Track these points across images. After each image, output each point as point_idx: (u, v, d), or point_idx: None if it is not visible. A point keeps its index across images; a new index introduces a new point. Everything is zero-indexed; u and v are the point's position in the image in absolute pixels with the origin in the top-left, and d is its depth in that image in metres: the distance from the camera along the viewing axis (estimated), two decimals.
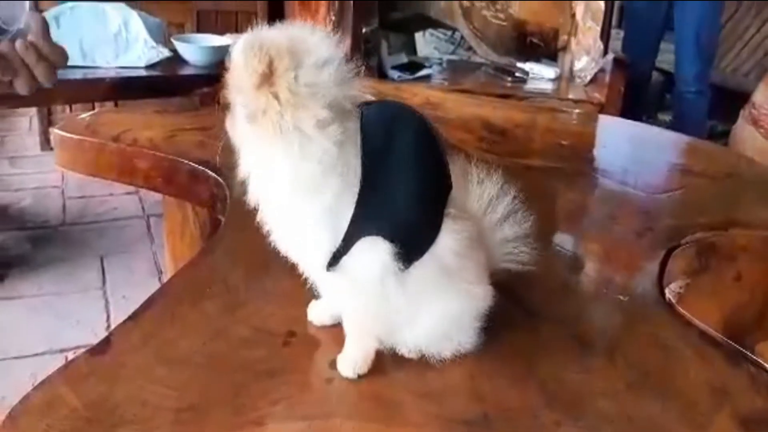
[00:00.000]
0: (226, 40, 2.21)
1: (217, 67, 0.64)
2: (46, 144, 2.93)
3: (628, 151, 1.56)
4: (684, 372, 0.75)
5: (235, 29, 2.81)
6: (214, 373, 0.69)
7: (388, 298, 0.66)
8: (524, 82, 2.48)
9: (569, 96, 2.38)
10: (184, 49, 2.18)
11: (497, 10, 2.59)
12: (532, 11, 2.59)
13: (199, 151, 1.17)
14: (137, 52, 2.12)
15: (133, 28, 2.13)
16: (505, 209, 0.77)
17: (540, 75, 2.50)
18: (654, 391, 0.71)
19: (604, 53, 2.50)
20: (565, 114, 1.85)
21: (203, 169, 1.12)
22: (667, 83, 3.43)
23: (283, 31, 0.63)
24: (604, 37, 2.54)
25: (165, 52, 2.15)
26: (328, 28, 2.27)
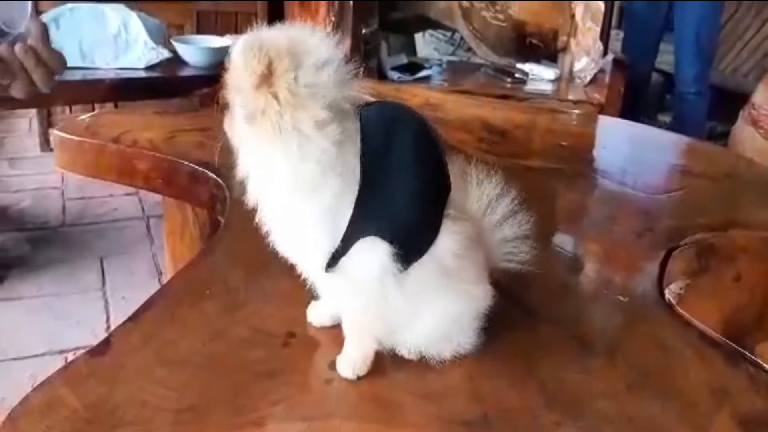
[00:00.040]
0: (226, 41, 2.21)
1: (217, 68, 0.64)
2: (45, 145, 2.93)
3: (628, 152, 1.56)
4: (684, 372, 0.75)
5: (235, 30, 2.81)
6: (214, 374, 0.69)
7: (387, 299, 0.66)
8: (524, 83, 2.49)
9: (569, 97, 2.38)
10: (184, 50, 2.18)
11: (497, 11, 2.59)
12: (531, 12, 2.59)
13: (199, 152, 1.17)
14: (137, 53, 2.12)
15: (133, 30, 2.13)
16: (504, 210, 0.77)
17: (540, 76, 2.50)
18: (654, 392, 0.71)
19: (604, 54, 2.50)
20: (565, 115, 1.85)
21: (203, 170, 1.12)
22: (667, 84, 3.43)
23: (283, 32, 0.63)
24: (604, 37, 2.54)
25: (165, 53, 2.15)
26: (328, 29, 2.27)
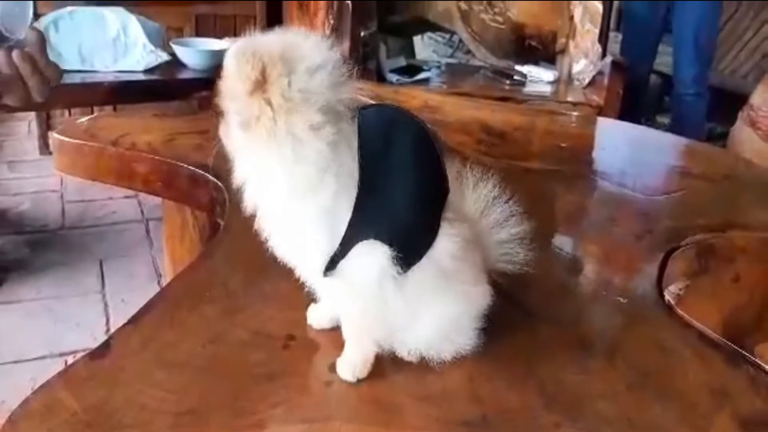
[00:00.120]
0: (225, 44, 2.21)
1: (216, 70, 0.64)
2: (45, 148, 2.93)
3: (627, 154, 1.56)
4: (683, 373, 0.75)
5: (234, 33, 2.81)
6: (214, 377, 0.69)
7: (387, 302, 0.66)
8: (523, 85, 2.49)
9: (568, 99, 2.39)
10: (183, 53, 2.18)
11: (495, 13, 2.59)
12: (530, 14, 2.59)
13: (198, 155, 1.17)
14: (136, 56, 2.12)
15: (132, 33, 2.13)
16: (501, 211, 0.77)
17: (538, 78, 2.51)
18: (653, 393, 0.71)
19: (603, 56, 2.51)
20: (564, 117, 1.85)
21: (202, 172, 1.12)
22: (666, 85, 3.44)
23: (276, 37, 0.63)
24: (603, 39, 2.55)
25: (164, 56, 2.15)
26: (327, 32, 2.27)
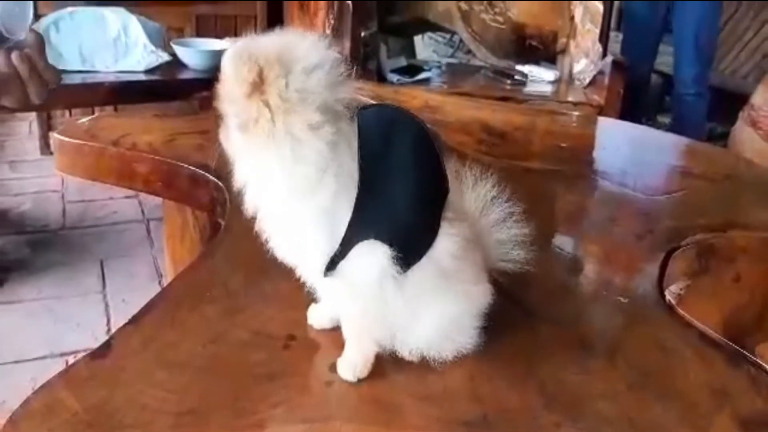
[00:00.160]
0: (226, 44, 2.21)
1: (217, 71, 0.64)
2: (45, 148, 2.94)
3: (628, 154, 1.56)
4: (684, 373, 0.75)
5: (235, 33, 2.81)
6: (214, 377, 0.69)
7: (387, 302, 0.66)
8: (523, 84, 2.49)
9: (568, 98, 2.38)
10: (184, 53, 2.18)
11: (496, 13, 2.59)
12: (530, 14, 2.59)
13: (199, 155, 1.17)
14: (137, 56, 2.12)
15: (133, 33, 2.13)
16: (501, 210, 0.78)
17: (539, 78, 2.50)
18: (654, 393, 0.71)
19: (603, 56, 2.51)
20: (565, 116, 1.85)
21: (203, 173, 1.12)
22: (666, 85, 3.44)
23: (273, 38, 0.63)
24: (603, 39, 2.55)
25: (164, 57, 2.16)
26: (327, 32, 2.27)
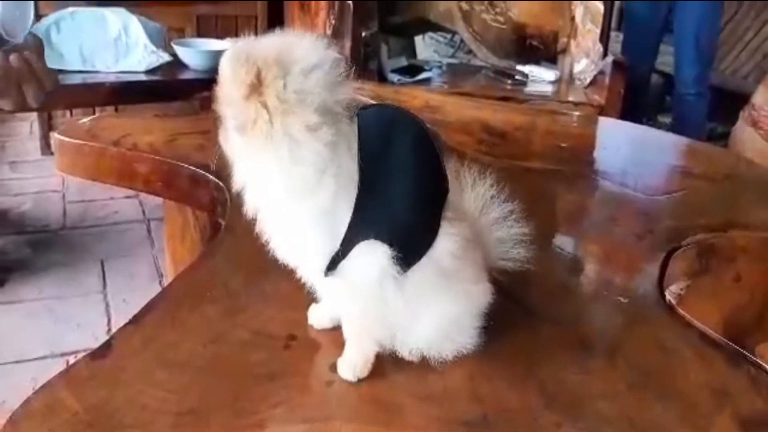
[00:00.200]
0: (226, 44, 2.21)
1: (217, 71, 0.64)
2: (46, 148, 2.94)
3: (628, 153, 1.56)
4: (684, 373, 0.75)
5: (235, 33, 2.81)
6: (215, 377, 0.69)
7: (387, 302, 0.66)
8: (524, 84, 2.49)
9: (569, 98, 2.38)
10: (184, 54, 2.18)
11: (497, 13, 2.59)
12: (531, 14, 2.59)
13: (199, 155, 1.17)
14: (137, 56, 2.12)
15: (133, 33, 2.13)
16: (501, 209, 0.78)
17: (539, 78, 2.50)
18: (654, 393, 0.71)
19: (604, 55, 2.51)
20: (565, 116, 1.85)
21: (203, 173, 1.13)
22: (667, 85, 3.43)
23: (271, 40, 0.63)
24: (604, 39, 2.55)
25: (165, 57, 2.16)
26: (328, 32, 2.27)
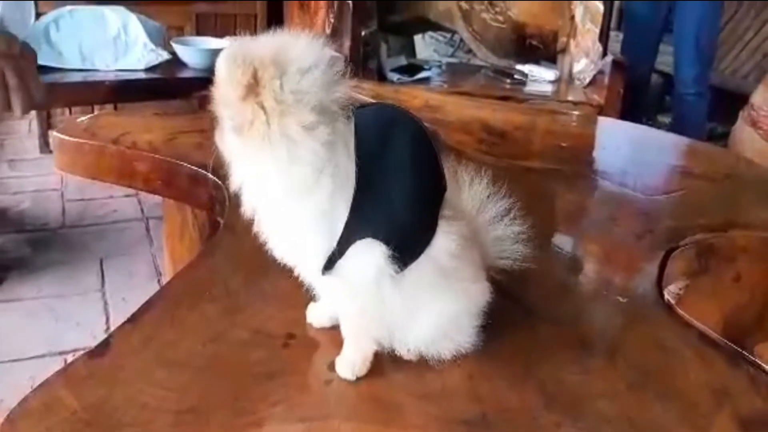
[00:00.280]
0: (225, 43, 2.21)
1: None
2: (45, 147, 2.93)
3: (628, 153, 1.56)
4: (684, 373, 0.75)
5: (234, 32, 2.81)
6: (214, 376, 0.68)
7: (385, 301, 0.66)
8: (523, 84, 2.48)
9: (568, 98, 2.38)
10: (184, 52, 2.18)
11: (496, 12, 2.59)
12: (531, 14, 2.59)
13: (199, 154, 1.17)
14: (136, 55, 2.12)
15: (133, 32, 2.13)
16: (498, 208, 0.78)
17: (539, 77, 2.50)
18: (654, 392, 0.71)
19: (603, 55, 2.50)
20: (565, 116, 1.85)
21: (203, 172, 1.12)
22: (667, 85, 3.43)
23: (267, 40, 0.63)
24: (603, 39, 2.55)
25: (164, 55, 2.15)
26: (327, 31, 2.27)
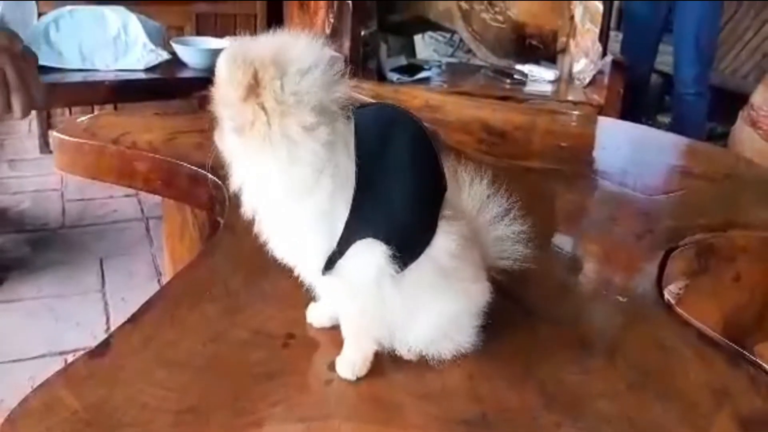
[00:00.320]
0: (225, 43, 2.21)
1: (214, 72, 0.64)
2: (45, 147, 2.93)
3: (628, 153, 1.56)
4: (684, 373, 0.75)
5: (234, 32, 2.81)
6: (214, 376, 0.68)
7: (385, 301, 0.66)
8: (523, 84, 2.48)
9: (568, 98, 2.38)
10: (183, 52, 2.18)
11: (496, 12, 2.59)
12: (530, 14, 2.59)
13: (199, 154, 1.17)
14: (136, 55, 2.12)
15: (132, 32, 2.13)
16: (498, 208, 0.78)
17: (539, 77, 2.50)
18: (654, 392, 0.71)
19: (603, 55, 2.50)
20: (565, 116, 1.85)
21: (203, 171, 1.12)
22: (667, 85, 3.43)
23: (266, 40, 0.62)
24: (603, 39, 2.54)
25: (164, 55, 2.15)
26: (327, 31, 2.27)
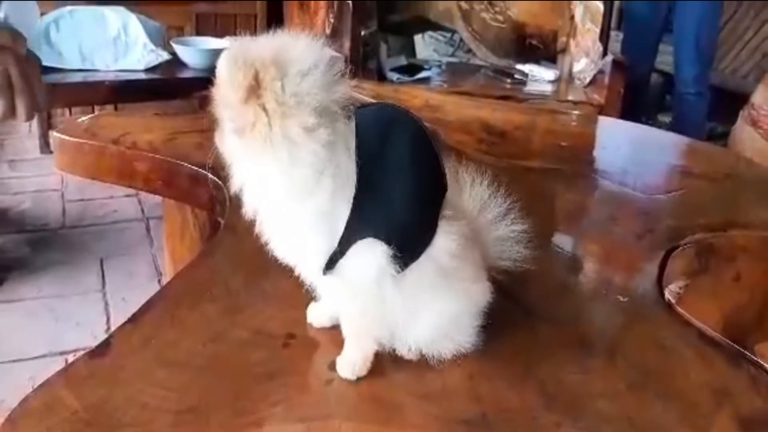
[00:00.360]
0: (225, 43, 2.21)
1: (215, 72, 0.64)
2: (45, 147, 2.94)
3: (628, 153, 1.56)
4: (684, 373, 0.75)
5: (234, 32, 2.82)
6: (214, 376, 0.69)
7: (385, 300, 0.66)
8: (523, 84, 2.48)
9: (568, 98, 2.38)
10: (184, 52, 2.18)
11: (496, 12, 2.59)
12: (531, 13, 2.59)
13: (199, 154, 1.17)
14: (136, 55, 2.13)
15: (133, 32, 2.13)
16: (499, 208, 0.78)
17: (539, 77, 2.50)
18: (654, 392, 0.71)
19: (603, 55, 2.50)
20: (565, 116, 1.85)
21: (203, 171, 1.12)
22: (667, 85, 3.43)
23: (266, 41, 0.62)
24: (603, 38, 2.54)
25: (164, 55, 2.16)
26: (327, 31, 2.27)
